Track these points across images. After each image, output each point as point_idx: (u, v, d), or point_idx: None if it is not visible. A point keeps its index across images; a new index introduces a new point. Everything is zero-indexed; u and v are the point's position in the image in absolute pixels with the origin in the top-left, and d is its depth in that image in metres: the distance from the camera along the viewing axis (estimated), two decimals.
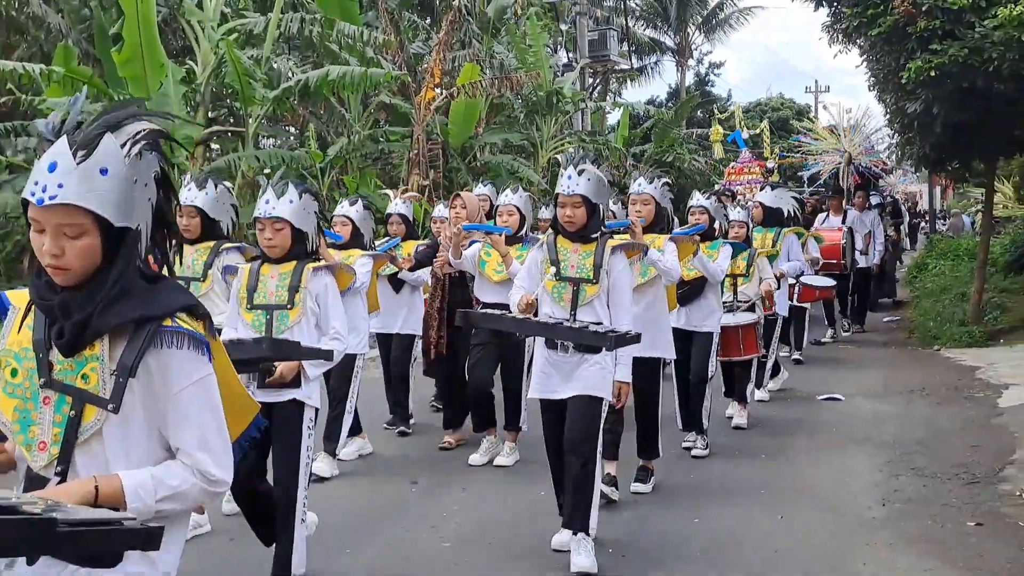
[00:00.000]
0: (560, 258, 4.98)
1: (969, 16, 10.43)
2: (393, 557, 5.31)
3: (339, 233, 6.91)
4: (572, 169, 4.86)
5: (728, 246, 7.26)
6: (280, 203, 4.47)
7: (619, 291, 4.95)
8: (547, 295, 5.02)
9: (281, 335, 4.43)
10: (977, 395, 9.26)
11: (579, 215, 4.89)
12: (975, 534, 5.45)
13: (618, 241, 5.10)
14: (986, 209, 13.89)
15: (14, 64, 14.20)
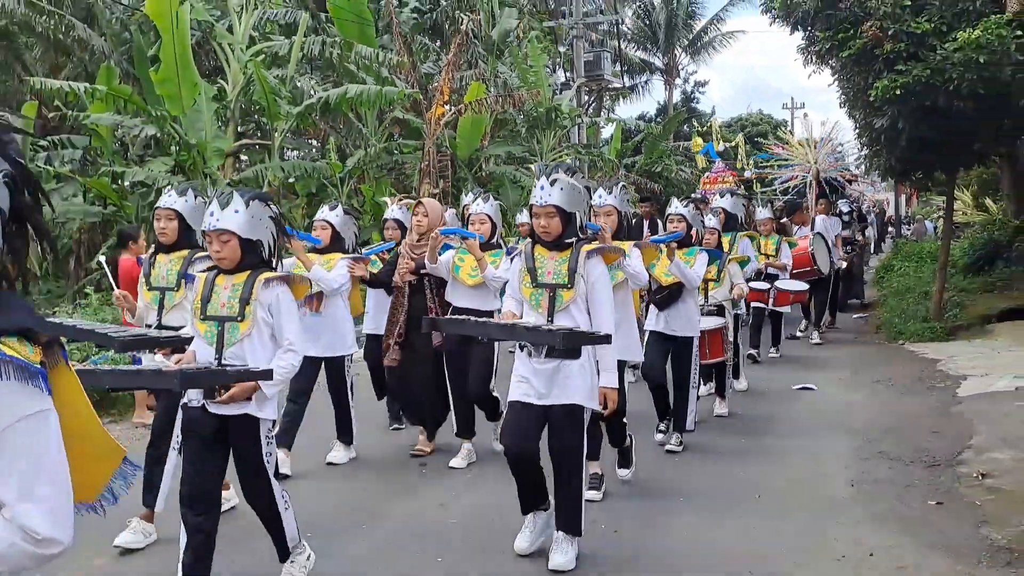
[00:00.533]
0: (537, 265, 4.66)
1: (931, 39, 10.43)
2: (405, 532, 5.31)
3: (319, 237, 6.54)
4: (545, 180, 4.53)
5: (705, 253, 6.90)
6: (224, 214, 4.06)
7: (598, 294, 4.60)
8: (526, 302, 4.69)
9: (231, 347, 4.07)
10: (938, 385, 9.25)
11: (554, 225, 4.55)
12: (936, 512, 5.46)
13: (593, 245, 4.74)
14: (947, 215, 13.87)
15: (61, 83, 14.25)
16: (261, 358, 4.07)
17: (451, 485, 6.18)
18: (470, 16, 20.00)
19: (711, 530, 5.27)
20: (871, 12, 10.73)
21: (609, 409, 4.64)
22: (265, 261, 4.20)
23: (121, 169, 14.49)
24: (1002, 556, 4.70)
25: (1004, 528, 5.08)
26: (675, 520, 5.48)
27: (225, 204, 4.06)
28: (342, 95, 14.91)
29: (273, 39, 16.83)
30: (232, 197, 4.09)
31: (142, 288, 5.31)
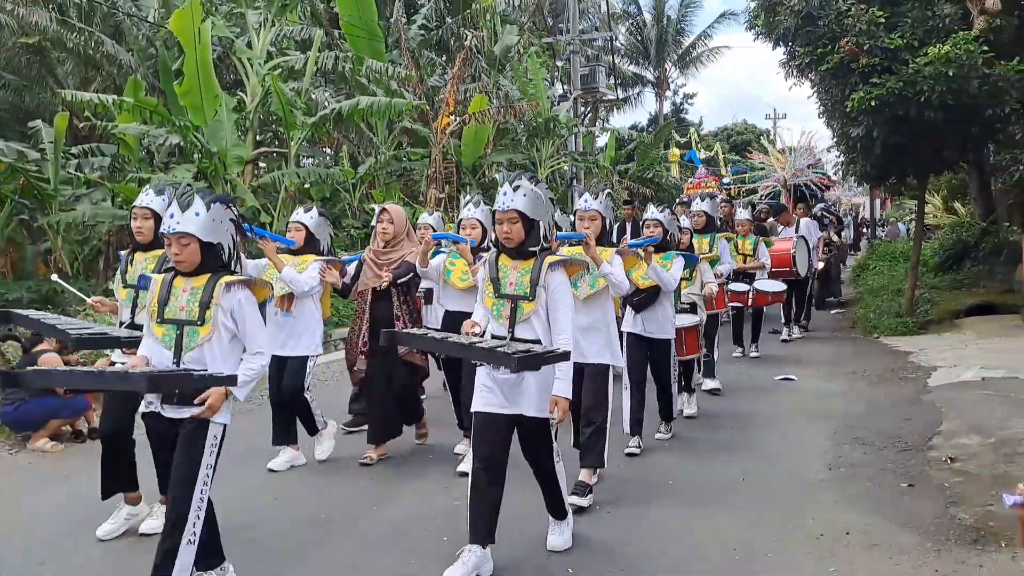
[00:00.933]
0: (500, 275, 4.37)
1: (904, 54, 10.46)
2: (413, 513, 5.33)
3: (293, 239, 6.23)
4: (508, 186, 4.33)
5: (681, 257, 6.63)
6: (185, 217, 3.79)
7: (557, 307, 4.28)
8: (489, 312, 4.39)
9: (191, 351, 3.80)
10: (910, 376, 9.27)
11: (516, 231, 4.30)
12: (907, 494, 5.48)
13: (556, 257, 4.39)
14: (918, 218, 13.89)
15: (91, 95, 14.26)
16: (220, 363, 3.83)
17: (454, 468, 6.18)
18: (474, 33, 19.99)
19: (699, 512, 5.29)
20: (847, 29, 10.76)
21: (559, 418, 4.26)
22: (225, 264, 3.95)
23: (147, 175, 14.48)
24: (969, 535, 4.72)
25: (971, 508, 5.10)
26: (665, 502, 5.50)
27: (186, 206, 3.81)
28: (354, 106, 14.92)
29: (289, 54, 16.83)
30: (193, 199, 3.84)
31: (118, 286, 5.18)
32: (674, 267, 6.50)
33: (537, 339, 4.25)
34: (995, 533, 4.68)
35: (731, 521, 5.09)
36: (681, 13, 41.84)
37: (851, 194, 35.19)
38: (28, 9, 15.38)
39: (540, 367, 4.00)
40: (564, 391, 4.21)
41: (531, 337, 4.26)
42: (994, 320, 12.22)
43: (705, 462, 6.39)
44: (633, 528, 5.03)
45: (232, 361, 3.89)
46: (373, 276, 6.28)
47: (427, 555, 4.61)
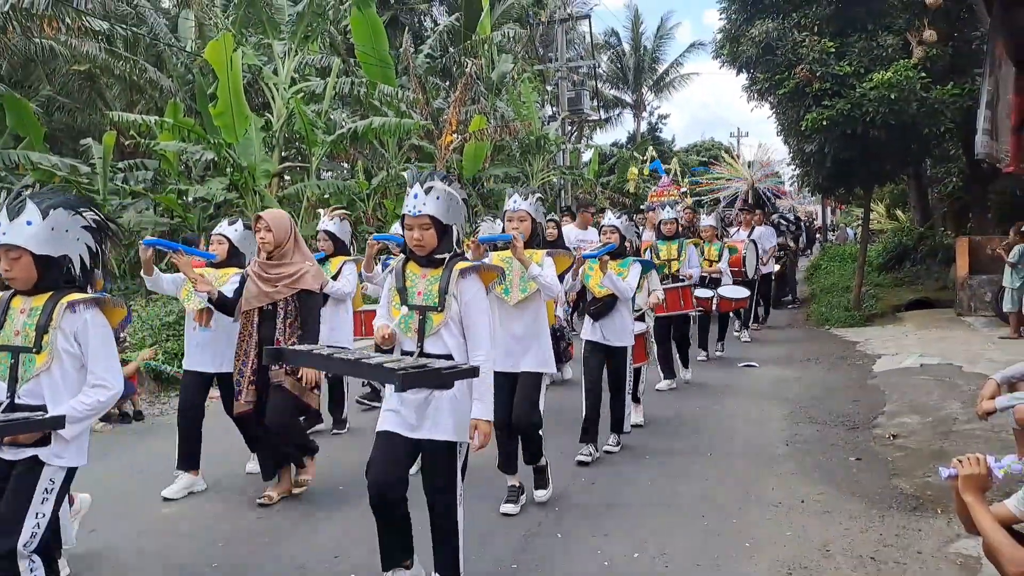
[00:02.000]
0: (408, 285, 3.47)
1: (852, 80, 10.48)
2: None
3: (214, 251, 5.27)
4: (419, 187, 3.34)
5: (638, 264, 5.88)
6: (13, 227, 2.85)
7: (473, 317, 3.37)
8: (396, 326, 3.45)
9: (27, 383, 2.88)
10: (857, 363, 9.28)
11: (428, 237, 3.36)
12: (855, 467, 5.48)
13: (467, 263, 3.45)
14: (864, 224, 13.90)
15: (136, 116, 14.21)
16: (64, 396, 2.90)
17: None
18: (473, 61, 19.90)
19: (671, 483, 5.29)
20: (802, 57, 10.78)
21: (480, 443, 3.32)
22: (71, 280, 2.99)
23: (185, 187, 14.45)
24: (909, 503, 4.73)
25: (911, 479, 5.11)
26: (642, 474, 5.49)
27: (15, 214, 2.85)
28: (368, 126, 14.88)
29: (311, 80, 16.77)
30: (25, 205, 2.86)
31: None
32: (631, 274, 5.78)
33: (448, 354, 3.34)
34: (932, 501, 4.69)
35: (699, 490, 5.09)
36: (656, 43, 41.86)
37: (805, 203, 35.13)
38: (80, 40, 15.29)
39: (444, 384, 3.08)
40: (483, 412, 3.33)
41: (441, 352, 3.36)
42: (931, 313, 12.25)
43: (676, 438, 6.38)
44: (613, 499, 5.02)
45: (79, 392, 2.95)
46: (259, 294, 4.78)
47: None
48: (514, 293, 4.68)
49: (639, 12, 49.16)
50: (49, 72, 17.18)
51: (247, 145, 14.35)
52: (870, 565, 3.92)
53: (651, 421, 6.90)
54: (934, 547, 4.09)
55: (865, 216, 13.84)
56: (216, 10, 16.89)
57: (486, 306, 3.45)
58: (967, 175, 14.72)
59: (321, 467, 5.39)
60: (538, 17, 28.08)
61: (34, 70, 17.11)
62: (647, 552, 4.16)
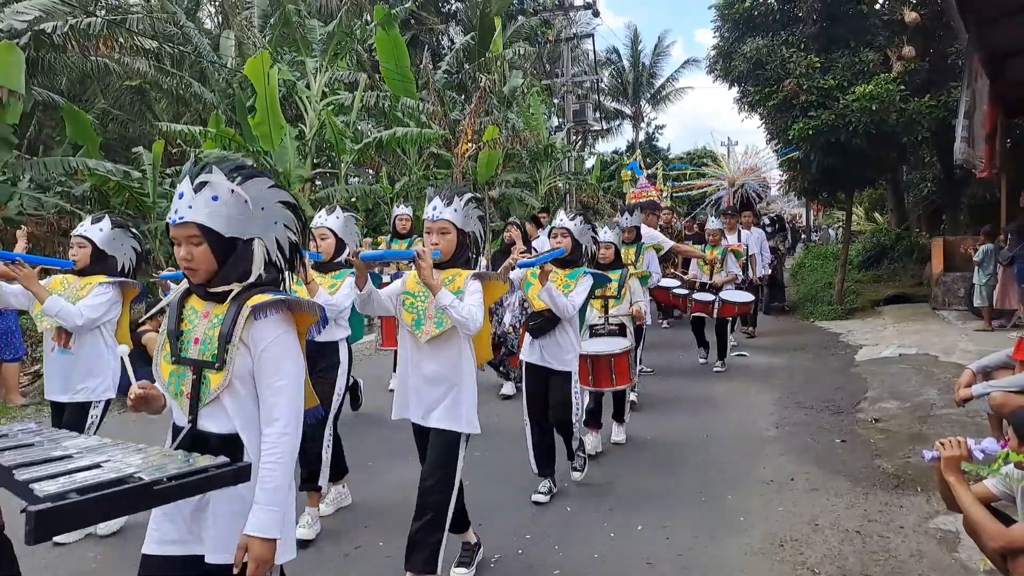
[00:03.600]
0: (184, 327, 2.14)
1: (836, 92, 10.38)
2: None
3: (74, 257, 4.02)
4: (186, 183, 2.09)
5: (589, 276, 4.37)
6: None
7: (268, 377, 2.07)
8: (166, 389, 2.16)
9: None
10: (840, 352, 9.20)
11: (200, 255, 2.08)
12: (840, 448, 5.43)
13: (265, 297, 2.07)
14: (846, 225, 13.77)
15: (181, 126, 14.23)
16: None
17: None
18: (487, 77, 19.79)
19: (670, 463, 5.25)
20: (790, 72, 10.68)
21: (251, 572, 1.98)
22: None
23: None
24: (891, 481, 4.67)
25: (892, 460, 5.05)
26: (642, 454, 5.45)
27: None
28: (391, 136, 14.85)
29: (340, 93, 16.76)
30: None
31: None
32: (578, 288, 4.31)
33: (233, 433, 2.07)
34: (913, 480, 4.63)
35: (696, 470, 5.05)
36: (653, 60, 41.63)
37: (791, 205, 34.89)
38: (132, 58, 15.35)
39: (200, 489, 1.74)
40: (261, 527, 2.00)
41: (223, 430, 2.08)
42: (908, 308, 12.13)
43: (673, 422, 6.31)
44: (613, 481, 4.99)
45: None
46: None
47: None
48: (427, 326, 3.26)
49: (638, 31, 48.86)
50: (103, 87, 17.22)
51: (282, 153, 14.35)
52: (856, 538, 3.87)
53: (648, 407, 6.84)
54: (915, 522, 4.03)
55: (847, 218, 13.71)
56: (254, 30, 16.91)
57: (294, 359, 2.10)
58: (941, 180, 14.58)
59: None
60: (546, 37, 27.95)
61: (90, 85, 17.16)
62: (649, 526, 4.13)
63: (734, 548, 3.83)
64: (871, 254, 16.33)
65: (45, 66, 14.17)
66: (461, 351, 3.28)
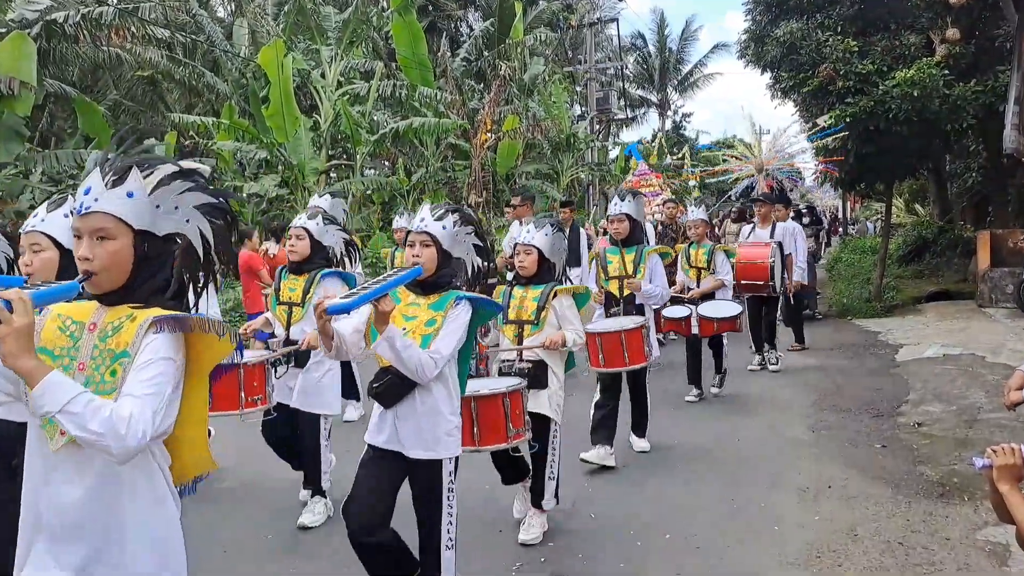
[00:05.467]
0: None
1: (874, 78, 10.21)
2: None
3: None
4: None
5: (467, 304, 2.94)
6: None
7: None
8: None
9: None
10: (879, 352, 9.05)
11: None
12: (880, 453, 5.33)
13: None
14: (885, 218, 13.55)
15: (194, 117, 14.38)
16: None
17: None
18: (507, 64, 19.77)
19: (698, 468, 5.18)
20: (826, 57, 10.52)
21: None
22: None
23: (240, 184, 14.56)
24: (935, 489, 4.58)
25: (936, 467, 4.95)
26: (669, 459, 5.39)
27: None
28: (408, 126, 14.88)
29: (355, 83, 16.80)
30: None
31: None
32: (447, 330, 2.88)
33: None
34: (958, 489, 4.53)
35: (728, 476, 4.98)
36: (680, 45, 41.32)
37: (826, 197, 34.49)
38: (144, 47, 15.49)
39: None
40: None
41: None
42: (951, 305, 11.91)
43: (701, 425, 6.23)
44: (642, 480, 4.93)
45: None
46: None
47: None
48: None
49: (664, 15, 48.45)
50: (116, 78, 17.40)
51: (297, 144, 14.41)
52: (898, 550, 3.79)
53: (674, 408, 6.76)
54: (962, 534, 3.94)
55: (886, 210, 13.49)
56: (268, 18, 17.00)
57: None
58: (987, 169, 14.29)
59: None
60: (568, 21, 27.83)
61: (102, 76, 17.35)
62: (677, 534, 4.07)
63: (767, 559, 3.76)
64: (912, 248, 16.08)
65: (57, 57, 14.32)
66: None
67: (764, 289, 7.82)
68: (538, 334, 3.91)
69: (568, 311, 4.02)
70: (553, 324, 3.98)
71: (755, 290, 7.88)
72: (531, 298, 3.99)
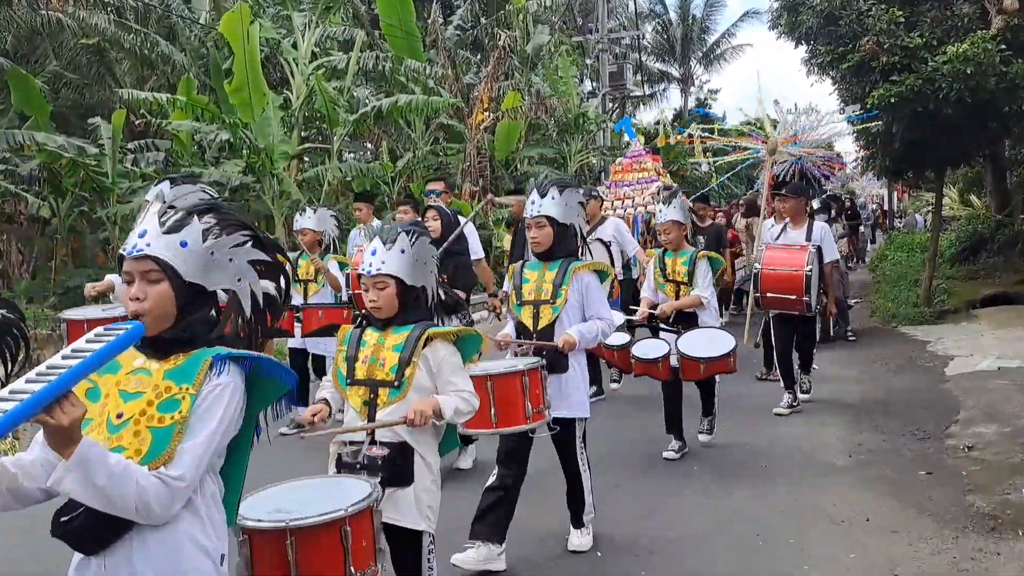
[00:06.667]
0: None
1: (923, 53, 10.25)
2: None
3: None
4: None
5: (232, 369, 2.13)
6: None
7: None
8: None
9: None
10: (927, 364, 9.10)
11: None
12: (926, 481, 5.37)
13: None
14: (936, 210, 13.60)
15: (147, 93, 14.41)
16: None
17: None
18: (507, 32, 19.86)
19: (720, 497, 5.23)
20: (868, 28, 10.55)
21: None
22: None
23: (199, 170, 14.59)
24: (987, 523, 4.62)
25: (989, 496, 4.99)
26: (688, 486, 5.43)
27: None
28: (393, 104, 14.92)
29: (332, 54, 16.86)
30: None
31: None
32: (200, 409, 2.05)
33: None
34: (1013, 522, 4.57)
35: (753, 506, 5.03)
36: (706, 12, 41.34)
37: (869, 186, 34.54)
38: (88, 11, 15.53)
39: None
40: None
41: None
42: (1010, 310, 11.96)
43: (722, 449, 6.28)
44: (656, 509, 4.98)
45: None
46: None
47: None
48: None
49: None
50: (56, 46, 17.42)
51: (264, 125, 14.46)
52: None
53: (689, 428, 6.78)
54: (1016, 573, 3.99)
55: (937, 202, 13.55)
56: None
57: None
58: None
59: None
60: None
61: (40, 44, 17.37)
62: (695, 574, 4.12)
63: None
64: (966, 245, 16.14)
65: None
66: None
67: (797, 306, 6.98)
68: (399, 402, 3.01)
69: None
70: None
71: (784, 307, 7.09)
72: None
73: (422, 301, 3.13)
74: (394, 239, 3.05)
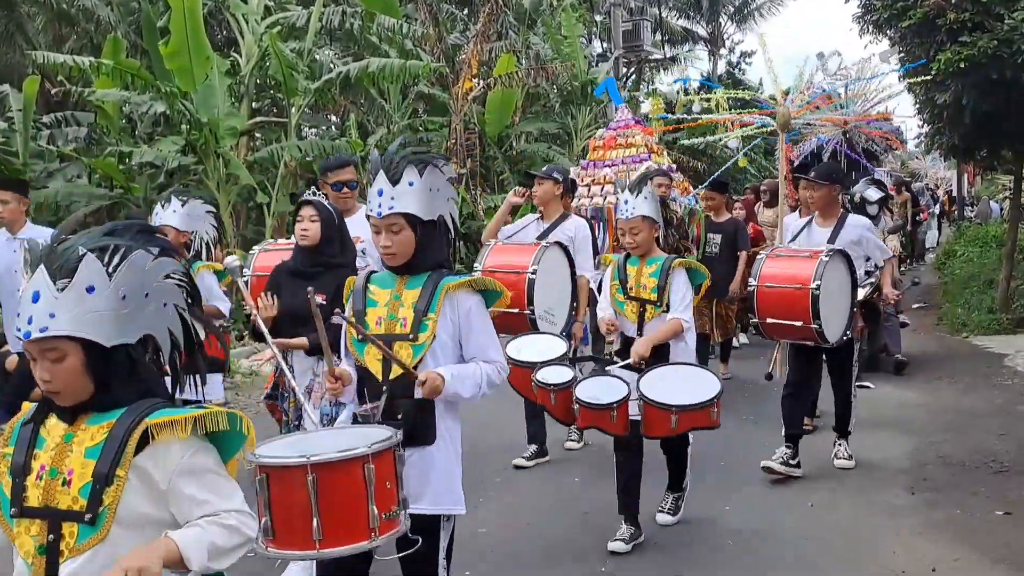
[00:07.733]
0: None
1: (998, 8, 10.28)
2: None
3: None
4: None
5: None
6: None
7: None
8: None
9: None
10: (1005, 383, 9.12)
11: None
12: (1004, 523, 5.39)
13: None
14: (1014, 197, 13.64)
15: (65, 56, 14.38)
16: None
17: (482, 490, 6.14)
18: None
19: (758, 540, 5.24)
20: None
21: None
22: None
23: (128, 149, 14.59)
24: None
25: None
26: (721, 526, 5.45)
27: None
28: (363, 69, 14.92)
29: (290, 9, 16.87)
30: None
31: None
32: None
33: None
34: None
35: (798, 553, 5.03)
36: None
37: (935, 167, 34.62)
38: None
39: None
40: None
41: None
42: None
43: (758, 484, 6.26)
44: (681, 537, 4.99)
45: None
46: None
47: None
48: None
49: None
50: None
51: (208, 94, 14.45)
52: None
53: (733, 451, 6.82)
54: None
55: (1016, 187, 13.58)
56: None
57: None
58: None
59: None
60: None
61: None
62: None
63: None
64: None
65: None
66: None
67: (805, 336, 6.11)
68: None
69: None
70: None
71: (789, 336, 6.33)
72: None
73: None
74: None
